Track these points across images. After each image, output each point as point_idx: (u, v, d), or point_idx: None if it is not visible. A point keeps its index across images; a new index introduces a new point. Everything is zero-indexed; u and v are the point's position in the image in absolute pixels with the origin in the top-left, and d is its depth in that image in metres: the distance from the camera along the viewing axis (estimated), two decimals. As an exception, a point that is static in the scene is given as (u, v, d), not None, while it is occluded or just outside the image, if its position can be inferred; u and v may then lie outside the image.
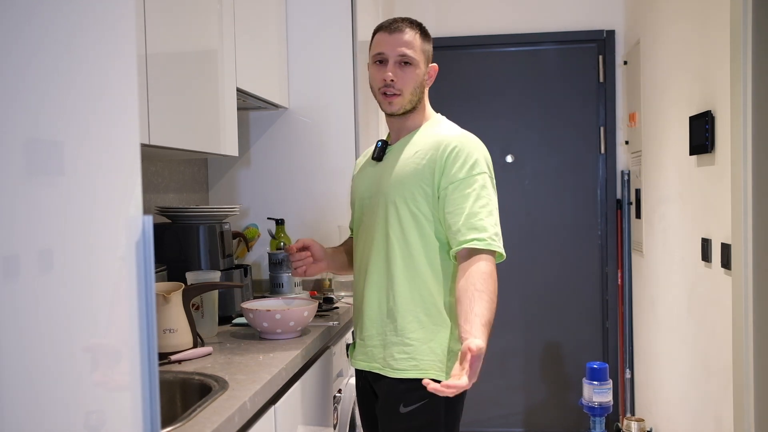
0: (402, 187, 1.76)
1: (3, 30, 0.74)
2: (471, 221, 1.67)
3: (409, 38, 1.79)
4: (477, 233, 1.66)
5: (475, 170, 1.72)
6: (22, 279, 0.75)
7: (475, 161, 1.73)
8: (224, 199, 2.93)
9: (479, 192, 1.70)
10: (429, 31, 1.88)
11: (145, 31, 1.66)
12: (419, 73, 1.80)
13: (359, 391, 1.96)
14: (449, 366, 1.73)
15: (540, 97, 3.88)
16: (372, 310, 1.80)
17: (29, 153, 0.77)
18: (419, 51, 1.80)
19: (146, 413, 0.95)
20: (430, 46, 1.85)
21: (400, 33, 1.79)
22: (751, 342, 2.13)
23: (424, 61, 1.82)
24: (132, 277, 0.93)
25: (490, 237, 1.66)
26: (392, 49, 1.79)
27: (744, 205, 2.14)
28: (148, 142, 1.66)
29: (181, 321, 1.83)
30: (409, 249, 1.75)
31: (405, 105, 1.81)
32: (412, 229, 1.75)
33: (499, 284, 1.66)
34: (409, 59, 1.78)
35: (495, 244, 1.67)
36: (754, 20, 2.10)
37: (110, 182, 0.92)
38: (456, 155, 1.72)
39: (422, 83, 1.82)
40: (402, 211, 1.75)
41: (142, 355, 0.95)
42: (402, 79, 1.78)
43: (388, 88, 1.79)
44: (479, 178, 1.72)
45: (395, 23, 1.82)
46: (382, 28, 1.83)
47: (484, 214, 1.68)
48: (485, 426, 3.91)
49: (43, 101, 0.80)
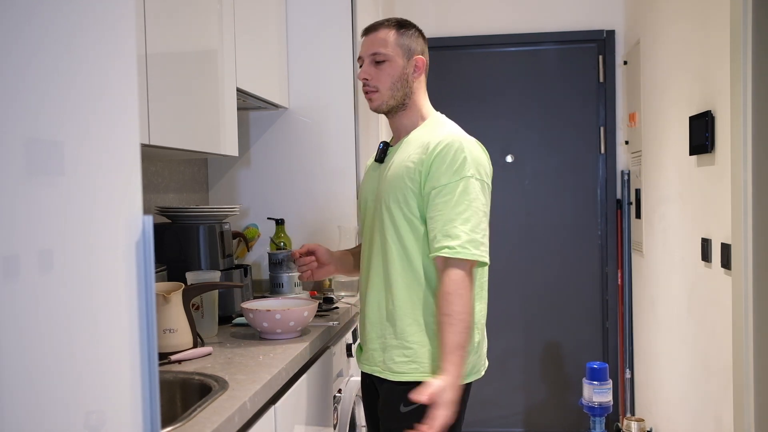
0: (395, 190, 1.75)
1: (3, 30, 0.74)
2: (445, 228, 1.66)
3: (382, 36, 1.81)
4: (449, 241, 1.65)
5: (460, 174, 1.69)
6: (22, 279, 0.75)
7: (461, 164, 1.69)
8: (224, 199, 2.93)
9: (458, 198, 1.67)
10: (424, 31, 1.89)
11: (145, 31, 1.66)
12: (395, 67, 1.80)
13: (364, 390, 1.96)
14: None
15: (540, 97, 3.88)
16: (373, 314, 1.81)
17: (29, 153, 0.77)
18: (393, 46, 1.80)
19: (146, 413, 0.95)
20: (410, 40, 1.83)
21: (374, 32, 1.83)
22: (751, 342, 2.13)
23: (402, 55, 1.81)
24: (132, 277, 0.93)
25: (461, 245, 1.64)
26: (367, 49, 1.82)
27: (744, 205, 2.14)
28: (148, 142, 1.66)
29: (181, 321, 1.83)
30: (407, 252, 1.74)
31: (386, 101, 1.82)
32: (407, 232, 1.74)
33: (499, 284, 1.66)
34: (382, 56, 1.80)
35: (466, 252, 1.64)
36: (754, 20, 2.10)
37: (110, 182, 0.92)
38: (442, 157, 1.70)
39: (402, 77, 1.80)
40: (396, 214, 1.75)
41: (142, 355, 0.95)
42: (376, 77, 1.80)
43: (364, 87, 1.83)
44: (462, 182, 1.68)
45: (373, 24, 1.85)
46: (364, 31, 1.87)
47: (460, 221, 1.66)
48: (485, 426, 3.91)
49: (43, 101, 0.80)
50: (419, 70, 1.84)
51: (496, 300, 1.84)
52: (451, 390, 1.62)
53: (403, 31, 1.83)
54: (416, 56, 1.83)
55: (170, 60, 1.82)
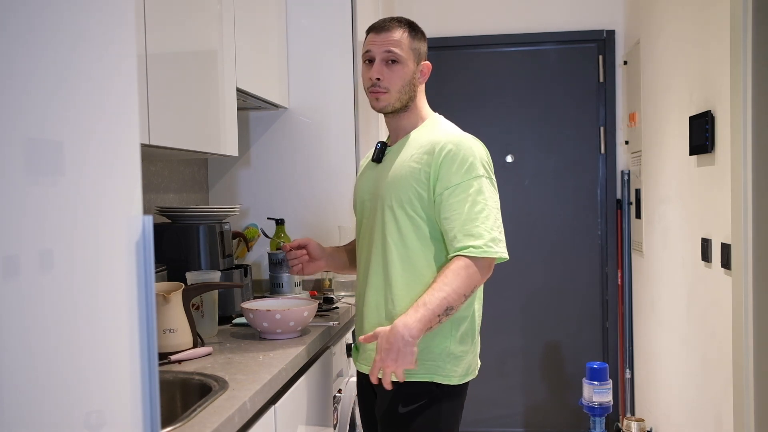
0: (398, 190, 1.75)
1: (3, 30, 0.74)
2: (467, 227, 1.67)
3: (396, 37, 1.79)
4: (473, 240, 1.66)
5: (471, 174, 1.70)
6: (22, 279, 0.75)
7: (471, 164, 1.70)
8: (224, 199, 2.93)
9: (475, 197, 1.68)
10: (425, 31, 1.87)
11: (145, 31, 1.66)
12: (407, 71, 1.79)
13: (360, 390, 1.96)
14: (448, 369, 1.73)
15: (540, 97, 3.88)
16: (371, 314, 1.80)
17: (29, 153, 0.77)
18: (407, 49, 1.79)
19: (146, 413, 0.95)
20: (421, 44, 1.84)
21: (387, 32, 1.80)
22: (751, 342, 2.13)
23: (414, 59, 1.81)
24: (132, 277, 0.93)
25: (485, 244, 1.66)
26: (379, 47, 1.79)
27: (744, 205, 2.14)
28: (148, 142, 1.66)
29: (181, 321, 1.83)
30: (408, 252, 1.74)
31: (393, 103, 1.80)
32: (410, 232, 1.74)
33: (499, 284, 1.66)
34: (396, 57, 1.78)
35: (491, 251, 1.66)
36: (754, 20, 2.10)
37: (110, 182, 0.92)
38: (451, 159, 1.70)
39: (411, 81, 1.80)
40: (399, 214, 1.74)
41: (142, 355, 0.95)
42: (389, 77, 1.78)
43: (373, 86, 1.80)
44: (475, 182, 1.69)
45: (384, 22, 1.82)
46: (373, 28, 1.84)
47: (480, 220, 1.67)
48: (485, 426, 3.91)
49: (44, 101, 0.80)
50: (424, 76, 1.85)
51: (496, 300, 1.84)
52: (404, 331, 1.60)
53: (415, 34, 1.82)
54: (423, 62, 1.84)
55: (170, 60, 1.82)
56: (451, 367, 1.74)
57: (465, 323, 1.77)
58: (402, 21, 1.83)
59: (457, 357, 1.75)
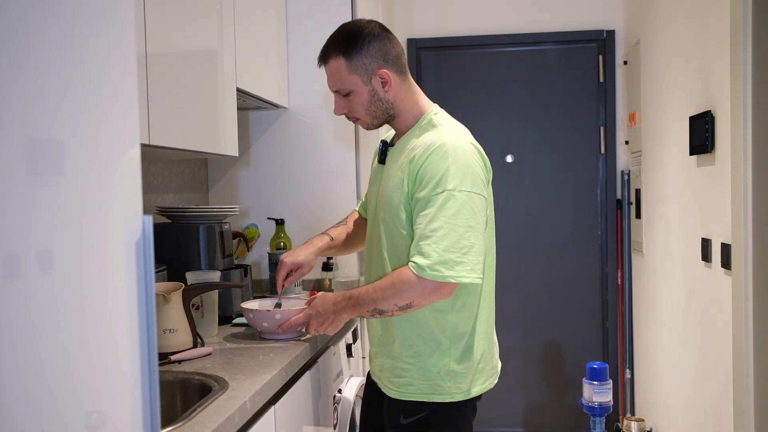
0: (388, 204, 1.70)
1: (3, 30, 0.74)
2: (420, 243, 1.57)
3: (333, 68, 1.71)
4: (419, 258, 1.57)
5: (438, 188, 1.58)
6: (22, 279, 0.75)
7: (442, 176, 1.58)
8: (224, 199, 2.93)
9: (435, 213, 1.57)
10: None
11: (145, 31, 1.66)
12: (361, 95, 1.71)
13: (367, 388, 1.94)
14: (446, 387, 1.68)
15: (540, 97, 3.88)
16: (374, 329, 1.81)
17: (29, 153, 0.77)
18: (348, 76, 1.69)
19: (146, 413, 0.95)
20: (363, 59, 1.69)
21: (325, 65, 1.73)
22: (751, 342, 2.13)
23: (362, 79, 1.69)
24: (132, 277, 0.93)
25: (430, 266, 1.55)
26: (328, 84, 1.75)
27: (744, 205, 2.14)
28: (148, 142, 1.66)
29: (181, 321, 1.83)
30: (401, 264, 1.66)
31: (372, 122, 1.77)
32: (403, 248, 1.67)
33: (499, 284, 1.63)
34: (342, 90, 1.72)
35: (437, 274, 1.54)
36: (754, 20, 2.10)
37: (110, 182, 0.92)
38: (423, 170, 1.61)
39: (373, 99, 1.71)
40: (392, 229, 1.69)
41: (142, 355, 0.95)
42: (350, 108, 1.75)
43: (347, 117, 1.79)
44: (440, 197, 1.57)
45: (321, 53, 1.74)
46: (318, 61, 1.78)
47: (433, 239, 1.55)
48: (485, 426, 3.91)
49: (44, 101, 0.80)
50: (388, 82, 1.71)
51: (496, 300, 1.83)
52: (326, 305, 1.75)
53: (351, 52, 1.68)
54: (378, 72, 1.70)
55: (170, 60, 1.82)
56: (453, 385, 1.68)
57: (464, 339, 1.69)
58: (334, 42, 1.72)
59: (459, 374, 1.68)
